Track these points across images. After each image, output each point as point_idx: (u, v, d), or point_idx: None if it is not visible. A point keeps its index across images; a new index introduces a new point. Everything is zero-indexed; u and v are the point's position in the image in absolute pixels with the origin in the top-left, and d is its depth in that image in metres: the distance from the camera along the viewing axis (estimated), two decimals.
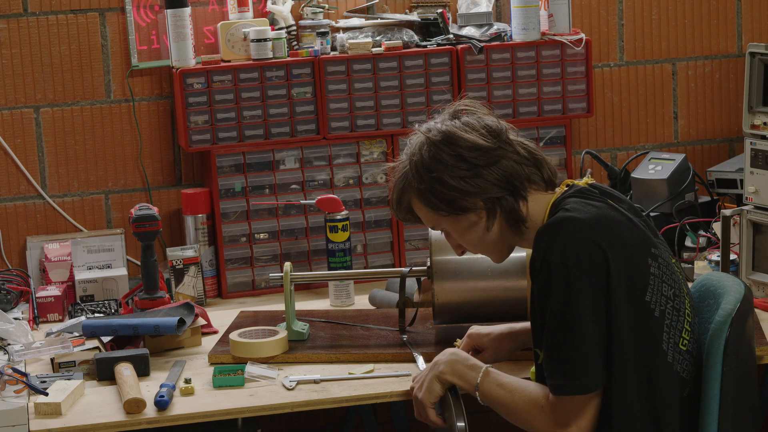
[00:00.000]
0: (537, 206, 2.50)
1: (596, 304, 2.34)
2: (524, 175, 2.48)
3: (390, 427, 3.84)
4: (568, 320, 2.34)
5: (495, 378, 2.49)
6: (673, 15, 3.98)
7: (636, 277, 2.38)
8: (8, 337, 3.09)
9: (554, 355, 2.37)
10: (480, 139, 2.47)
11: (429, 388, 2.57)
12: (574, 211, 2.40)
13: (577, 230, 2.36)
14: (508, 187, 2.47)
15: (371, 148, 3.67)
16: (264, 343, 2.94)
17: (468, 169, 2.46)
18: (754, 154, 3.39)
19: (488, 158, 2.46)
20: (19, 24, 3.57)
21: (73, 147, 3.65)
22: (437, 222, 2.56)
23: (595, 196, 2.48)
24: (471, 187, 2.46)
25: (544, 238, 2.38)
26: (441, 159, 2.47)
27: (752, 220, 3.36)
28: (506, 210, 2.48)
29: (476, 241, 2.55)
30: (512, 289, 2.94)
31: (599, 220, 2.39)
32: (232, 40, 3.59)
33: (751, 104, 3.41)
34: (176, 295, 3.42)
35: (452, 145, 2.47)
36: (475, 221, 2.51)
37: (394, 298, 3.28)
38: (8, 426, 2.65)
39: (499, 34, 3.70)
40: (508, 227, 2.51)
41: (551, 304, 2.35)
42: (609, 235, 2.36)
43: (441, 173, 2.47)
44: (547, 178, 2.52)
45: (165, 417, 2.67)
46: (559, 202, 2.47)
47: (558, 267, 2.34)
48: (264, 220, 3.62)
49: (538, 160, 2.51)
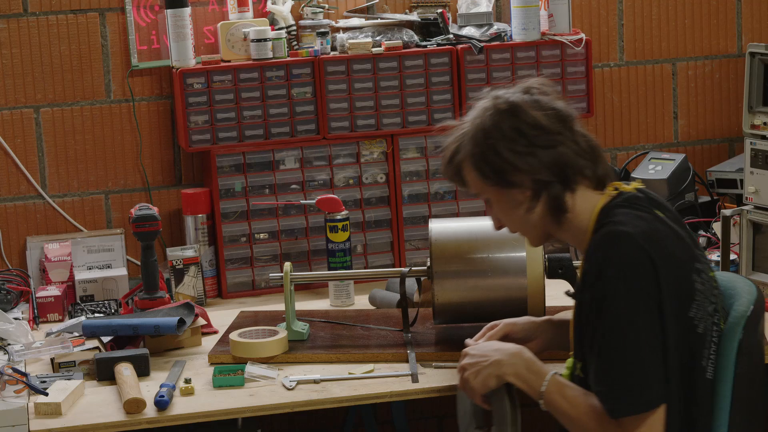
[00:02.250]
0: (584, 204, 2.45)
1: (652, 320, 2.30)
2: (578, 166, 2.43)
3: (390, 427, 3.84)
4: (624, 336, 2.30)
5: (560, 388, 2.41)
6: (673, 15, 3.98)
7: (682, 292, 2.35)
8: (8, 337, 3.09)
9: (609, 373, 2.31)
10: (545, 119, 2.42)
11: (484, 381, 2.49)
12: (625, 224, 2.36)
13: (632, 245, 2.32)
14: (559, 173, 2.42)
15: (371, 148, 3.67)
16: (264, 343, 2.94)
17: (525, 145, 2.41)
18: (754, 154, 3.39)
19: (547, 140, 2.41)
20: (19, 24, 3.57)
21: (73, 147, 3.65)
22: (482, 189, 2.50)
23: (644, 207, 2.43)
24: (523, 163, 2.41)
25: (599, 252, 2.34)
26: (501, 128, 2.42)
27: (752, 220, 3.36)
28: (551, 196, 2.43)
29: (516, 219, 2.50)
30: (512, 289, 2.93)
31: (650, 234, 2.35)
32: (232, 40, 3.59)
33: (751, 104, 3.41)
34: (176, 295, 3.42)
35: (516, 117, 2.42)
36: (519, 199, 2.45)
37: (394, 298, 3.28)
38: (8, 426, 2.65)
39: (499, 34, 3.70)
40: (549, 214, 2.46)
41: (606, 320, 2.31)
42: (660, 251, 2.33)
43: (497, 142, 2.42)
44: (600, 176, 2.46)
45: (165, 417, 2.67)
46: (608, 211, 2.43)
47: (614, 282, 2.30)
48: (264, 220, 3.62)
49: (596, 156, 2.47)
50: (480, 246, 2.94)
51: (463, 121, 2.52)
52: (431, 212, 3.69)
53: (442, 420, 3.96)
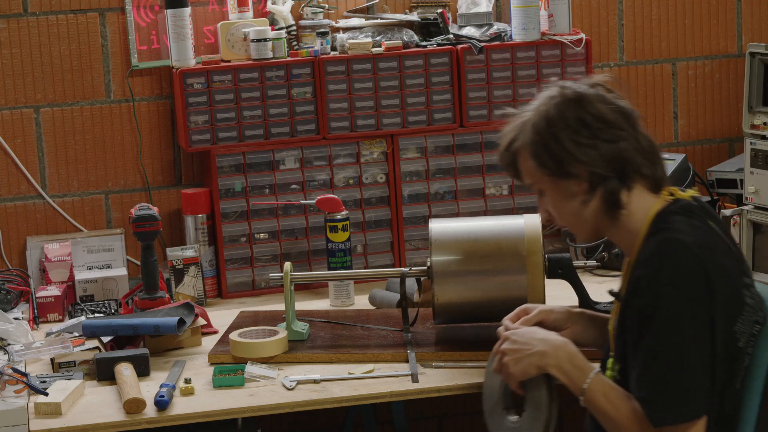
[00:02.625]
0: (639, 205, 2.44)
1: (703, 331, 2.30)
2: (637, 164, 2.42)
3: (390, 427, 3.84)
4: (675, 346, 2.29)
5: (601, 386, 2.40)
6: (673, 15, 3.98)
7: (732, 306, 2.35)
8: (8, 337, 3.09)
9: (655, 381, 2.30)
10: (610, 113, 2.42)
11: (525, 369, 2.48)
12: (682, 233, 2.35)
13: (687, 255, 2.31)
14: (617, 169, 2.41)
15: (371, 148, 3.67)
16: (264, 343, 2.93)
17: (588, 137, 2.40)
18: (754, 154, 3.39)
19: (611, 134, 2.41)
20: (19, 24, 3.57)
21: (73, 147, 3.65)
22: (538, 179, 2.49)
23: (699, 217, 2.42)
24: (583, 155, 2.40)
25: (656, 259, 2.33)
26: (566, 117, 2.42)
27: (752, 220, 3.36)
28: (607, 191, 2.42)
29: (568, 211, 2.48)
30: (512, 289, 2.93)
31: (706, 245, 2.35)
32: (232, 40, 3.59)
33: (751, 104, 3.41)
34: (176, 295, 3.42)
35: (582, 108, 2.42)
36: (574, 191, 2.44)
37: (394, 298, 3.28)
38: (8, 426, 2.65)
39: (499, 34, 3.70)
40: (602, 210, 2.44)
41: (656, 327, 2.30)
42: (714, 262, 2.33)
43: (560, 131, 2.41)
44: (657, 178, 2.45)
45: (165, 417, 2.67)
46: (664, 217, 2.41)
47: (667, 290, 2.30)
48: (264, 220, 3.62)
49: (656, 157, 2.45)
50: (480, 246, 2.94)
51: (524, 109, 2.51)
52: (431, 212, 3.69)
53: (442, 420, 3.96)
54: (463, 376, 2.81)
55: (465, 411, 3.92)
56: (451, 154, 3.69)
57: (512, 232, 2.94)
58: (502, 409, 2.62)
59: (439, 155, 3.70)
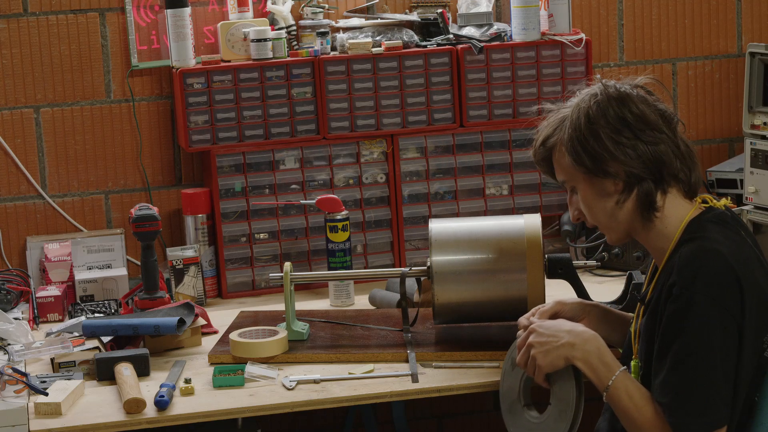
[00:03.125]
0: (673, 210, 2.44)
1: (731, 341, 2.30)
2: (674, 168, 2.42)
3: (390, 427, 3.84)
4: (700, 354, 2.29)
5: (626, 385, 2.40)
6: (673, 15, 3.98)
7: (761, 318, 2.35)
8: (8, 337, 3.09)
9: (681, 388, 2.31)
10: (651, 115, 2.42)
11: (553, 361, 2.47)
12: (717, 242, 2.35)
13: (723, 265, 2.32)
14: (654, 171, 2.41)
15: (371, 148, 3.67)
16: (264, 343, 2.93)
17: (628, 136, 2.40)
18: (754, 154, 3.39)
19: (650, 136, 2.41)
20: (19, 24, 3.57)
21: (73, 147, 3.65)
22: (572, 176, 2.49)
23: (732, 227, 2.42)
24: (622, 154, 2.40)
25: (691, 266, 2.33)
26: (607, 115, 2.42)
27: (752, 220, 3.36)
28: (643, 192, 2.42)
29: (602, 210, 2.48)
30: (512, 289, 2.93)
31: (739, 256, 2.35)
32: (232, 40, 3.59)
33: (751, 104, 3.41)
34: (176, 295, 3.42)
35: (624, 107, 2.42)
36: (609, 191, 2.44)
37: (394, 298, 3.28)
38: (8, 426, 2.65)
39: (499, 34, 3.70)
40: (637, 210, 2.44)
41: (686, 334, 2.31)
42: (747, 274, 2.33)
43: (601, 128, 2.42)
44: (693, 183, 2.45)
45: (165, 417, 2.67)
46: (699, 224, 2.42)
47: (700, 299, 2.30)
48: (264, 220, 3.62)
49: (693, 162, 2.46)
50: (480, 246, 2.94)
51: (563, 106, 2.51)
52: (431, 212, 3.69)
53: (442, 420, 3.96)
54: (463, 376, 2.81)
55: (465, 411, 3.93)
56: (451, 154, 3.69)
57: (512, 232, 2.94)
58: (522, 405, 2.62)
59: (439, 155, 3.70)
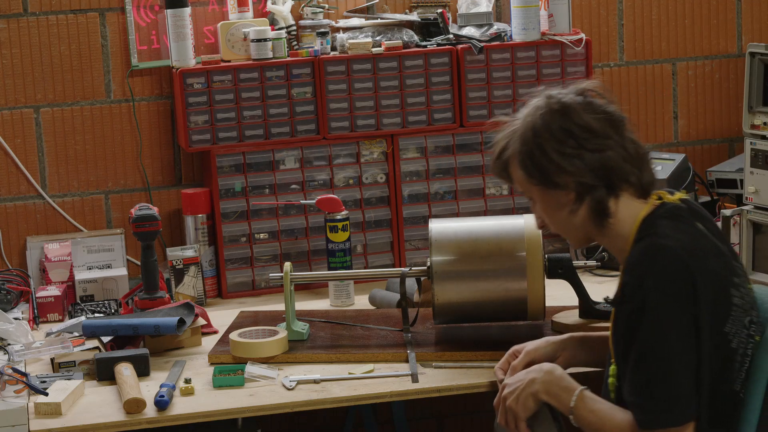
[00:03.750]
0: (626, 211, 2.45)
1: (688, 334, 2.31)
2: (624, 172, 2.42)
3: (390, 427, 3.84)
4: (658, 351, 2.30)
5: (588, 403, 2.43)
6: (673, 15, 3.98)
7: (720, 307, 2.35)
8: (8, 337, 3.09)
9: (644, 386, 2.32)
10: (595, 122, 2.42)
11: (524, 402, 2.52)
12: (667, 237, 2.36)
13: (672, 260, 2.32)
14: (604, 178, 2.41)
15: (371, 148, 3.67)
16: (264, 343, 2.93)
17: (573, 147, 2.41)
18: (754, 154, 3.39)
19: (596, 144, 2.41)
20: (19, 24, 3.57)
21: (73, 147, 3.65)
22: (527, 188, 2.51)
23: (686, 219, 2.43)
24: (569, 165, 2.41)
25: (641, 265, 2.34)
26: (551, 128, 2.43)
27: (752, 220, 3.36)
28: (595, 200, 2.42)
29: (558, 220, 2.50)
30: (512, 290, 2.93)
31: (692, 248, 2.35)
32: (232, 40, 3.59)
33: (751, 104, 3.41)
34: (176, 295, 3.42)
35: (567, 118, 2.43)
36: (562, 201, 2.46)
37: (394, 298, 3.28)
38: (8, 426, 2.65)
39: (499, 34, 3.70)
40: (590, 218, 2.45)
41: (642, 333, 2.32)
42: (700, 266, 2.33)
43: (546, 142, 2.42)
44: (645, 184, 2.45)
45: (165, 417, 2.67)
46: (651, 221, 2.42)
47: (653, 295, 2.31)
48: (264, 220, 3.62)
49: (643, 163, 2.46)
50: (480, 246, 2.94)
51: (515, 118, 2.52)
52: (431, 212, 3.69)
53: (442, 420, 3.96)
54: (463, 376, 2.81)
55: (465, 411, 3.93)
56: (451, 154, 3.69)
57: (512, 232, 2.94)
58: None
59: (439, 155, 3.70)
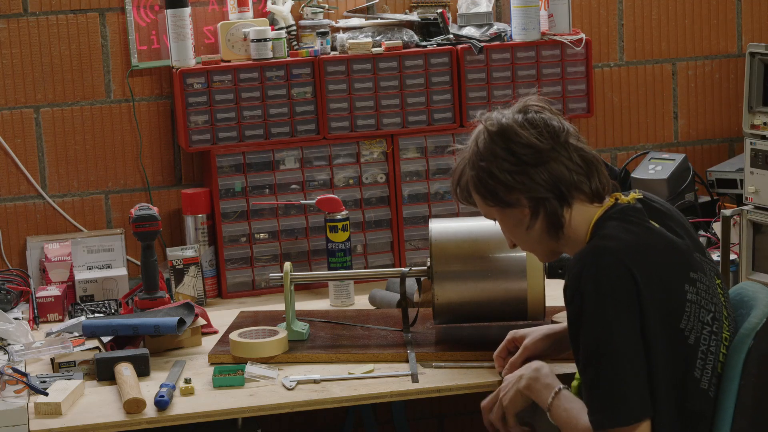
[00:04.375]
0: (580, 218, 2.48)
1: (631, 333, 2.32)
2: (572, 181, 2.46)
3: (390, 427, 3.84)
4: (602, 351, 2.32)
5: (563, 402, 2.46)
6: (673, 15, 3.98)
7: (671, 304, 2.36)
8: (8, 337, 3.09)
9: (591, 387, 2.34)
10: (535, 137, 2.46)
11: (513, 399, 2.56)
12: (609, 238, 2.39)
13: (610, 259, 2.34)
14: (553, 190, 2.45)
15: (371, 148, 3.67)
16: (264, 343, 2.93)
17: (516, 164, 2.45)
18: (754, 154, 3.39)
19: (538, 158, 2.45)
20: (19, 24, 3.57)
21: (73, 147, 3.65)
22: (487, 211, 2.55)
23: (636, 218, 2.45)
24: (516, 183, 2.45)
25: (577, 267, 2.37)
26: (493, 150, 2.47)
27: (752, 220, 3.36)
28: (549, 213, 2.46)
29: (521, 238, 2.55)
30: (512, 290, 2.93)
31: (634, 247, 2.37)
32: (232, 40, 3.59)
33: (751, 104, 3.41)
34: (176, 295, 3.42)
35: (506, 138, 2.47)
36: (519, 218, 2.50)
37: (394, 298, 3.28)
38: (8, 426, 2.65)
39: (499, 34, 3.70)
40: (546, 231, 2.49)
41: (584, 335, 2.34)
42: (642, 263, 2.35)
43: (490, 164, 2.47)
44: (594, 189, 2.48)
45: (165, 417, 2.67)
46: (599, 224, 2.45)
47: (590, 297, 2.33)
48: (264, 220, 3.62)
49: (591, 169, 2.48)
50: (480, 246, 2.94)
51: (465, 145, 2.56)
52: (431, 212, 3.69)
53: (442, 420, 3.96)
54: (463, 376, 2.81)
55: (465, 411, 3.92)
56: (451, 154, 3.69)
57: None
58: None
59: (439, 155, 3.70)
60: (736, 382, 2.38)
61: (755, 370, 2.39)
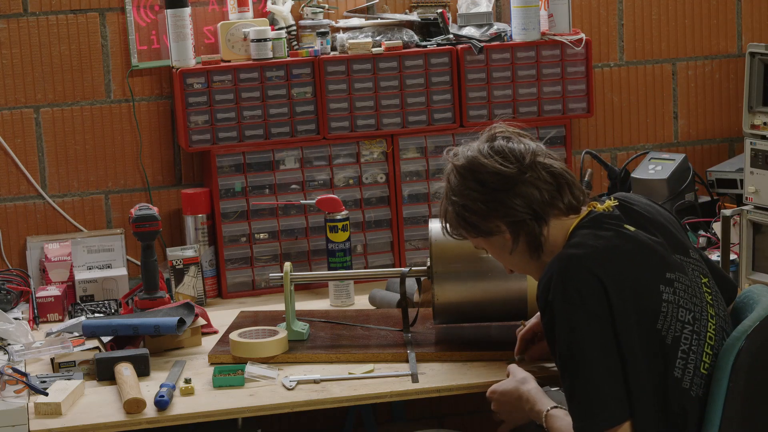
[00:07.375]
0: (557, 231, 2.52)
1: (603, 338, 2.34)
2: (544, 200, 2.50)
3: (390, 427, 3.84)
4: (575, 358, 2.34)
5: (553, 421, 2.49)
6: (673, 15, 3.98)
7: (645, 305, 2.37)
8: (8, 337, 3.09)
9: (569, 394, 2.37)
10: (499, 164, 2.51)
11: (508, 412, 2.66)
12: (576, 246, 2.43)
13: (576, 267, 2.38)
14: (528, 211, 2.50)
15: (371, 148, 3.67)
16: (264, 343, 2.94)
17: (486, 193, 2.51)
18: (754, 154, 3.39)
19: (506, 183, 2.50)
20: (19, 24, 3.57)
21: (73, 147, 3.65)
22: (476, 242, 2.63)
23: (609, 224, 2.48)
24: (490, 210, 2.52)
25: (545, 277, 2.41)
26: (463, 184, 2.54)
27: (752, 220, 3.36)
28: (528, 234, 2.51)
29: (509, 261, 2.61)
30: (512, 290, 2.94)
31: (602, 252, 2.40)
32: (232, 40, 3.59)
33: (751, 104, 3.41)
34: (176, 295, 3.42)
35: (473, 171, 2.53)
36: (502, 243, 2.56)
37: (394, 298, 3.28)
38: (8, 426, 2.65)
39: (499, 34, 3.70)
40: (528, 251, 2.54)
41: (557, 344, 2.37)
42: (611, 267, 2.37)
43: (463, 198, 2.54)
44: (568, 203, 2.52)
45: (165, 417, 2.67)
46: (573, 233, 2.49)
47: (559, 305, 2.36)
48: (264, 220, 3.62)
49: (561, 184, 2.52)
50: None
51: (442, 183, 2.64)
52: (431, 212, 3.69)
53: (442, 420, 3.96)
54: (463, 376, 2.81)
55: (465, 411, 3.92)
56: None
57: None
58: None
59: (439, 155, 3.69)
60: (725, 383, 2.38)
61: (744, 372, 2.39)
